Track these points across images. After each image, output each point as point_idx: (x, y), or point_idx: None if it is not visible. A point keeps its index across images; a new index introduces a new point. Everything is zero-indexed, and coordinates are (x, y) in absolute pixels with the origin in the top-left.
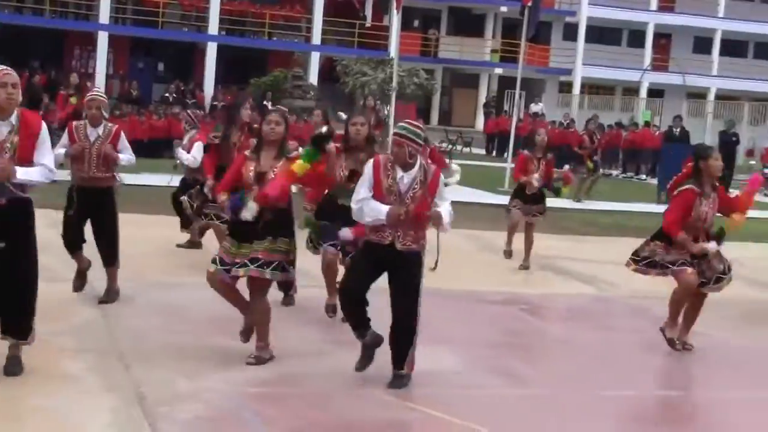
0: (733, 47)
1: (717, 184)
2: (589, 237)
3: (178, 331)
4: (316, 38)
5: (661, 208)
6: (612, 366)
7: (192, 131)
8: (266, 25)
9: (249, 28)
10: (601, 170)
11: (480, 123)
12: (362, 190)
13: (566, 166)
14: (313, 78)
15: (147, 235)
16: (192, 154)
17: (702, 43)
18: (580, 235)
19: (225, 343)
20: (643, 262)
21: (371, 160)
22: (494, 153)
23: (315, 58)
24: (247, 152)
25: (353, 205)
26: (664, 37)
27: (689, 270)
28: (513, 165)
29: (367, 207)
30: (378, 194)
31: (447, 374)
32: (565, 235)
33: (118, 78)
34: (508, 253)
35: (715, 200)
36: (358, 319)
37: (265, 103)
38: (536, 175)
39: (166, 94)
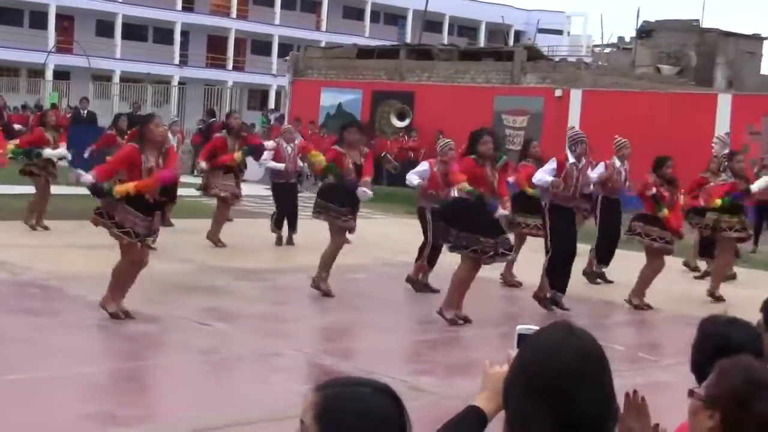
0: (135, 31)
1: None
2: None
3: None
4: None
5: (72, 189)
6: (28, 348)
7: None
8: None
9: None
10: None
11: None
12: None
13: None
14: None
15: None
16: None
17: (104, 27)
18: None
19: None
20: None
21: None
22: None
23: None
24: None
25: None
26: (67, 20)
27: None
28: None
29: None
30: None
31: None
32: None
33: None
34: None
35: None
36: None
37: None
38: None
39: None
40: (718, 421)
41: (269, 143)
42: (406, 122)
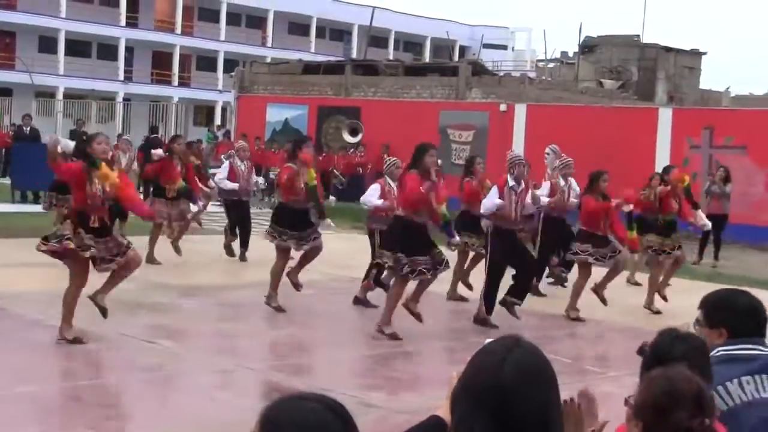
0: (78, 47)
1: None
2: None
3: None
4: None
5: (16, 207)
6: None
7: None
8: None
9: None
10: None
11: None
12: None
13: None
14: None
15: None
16: None
17: (47, 43)
18: None
19: None
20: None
21: None
22: None
23: None
24: None
25: None
26: (8, 36)
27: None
28: None
29: None
30: None
31: None
32: None
33: None
34: None
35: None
36: None
37: None
38: None
39: None
40: (641, 429)
41: (224, 165)
42: (359, 138)
